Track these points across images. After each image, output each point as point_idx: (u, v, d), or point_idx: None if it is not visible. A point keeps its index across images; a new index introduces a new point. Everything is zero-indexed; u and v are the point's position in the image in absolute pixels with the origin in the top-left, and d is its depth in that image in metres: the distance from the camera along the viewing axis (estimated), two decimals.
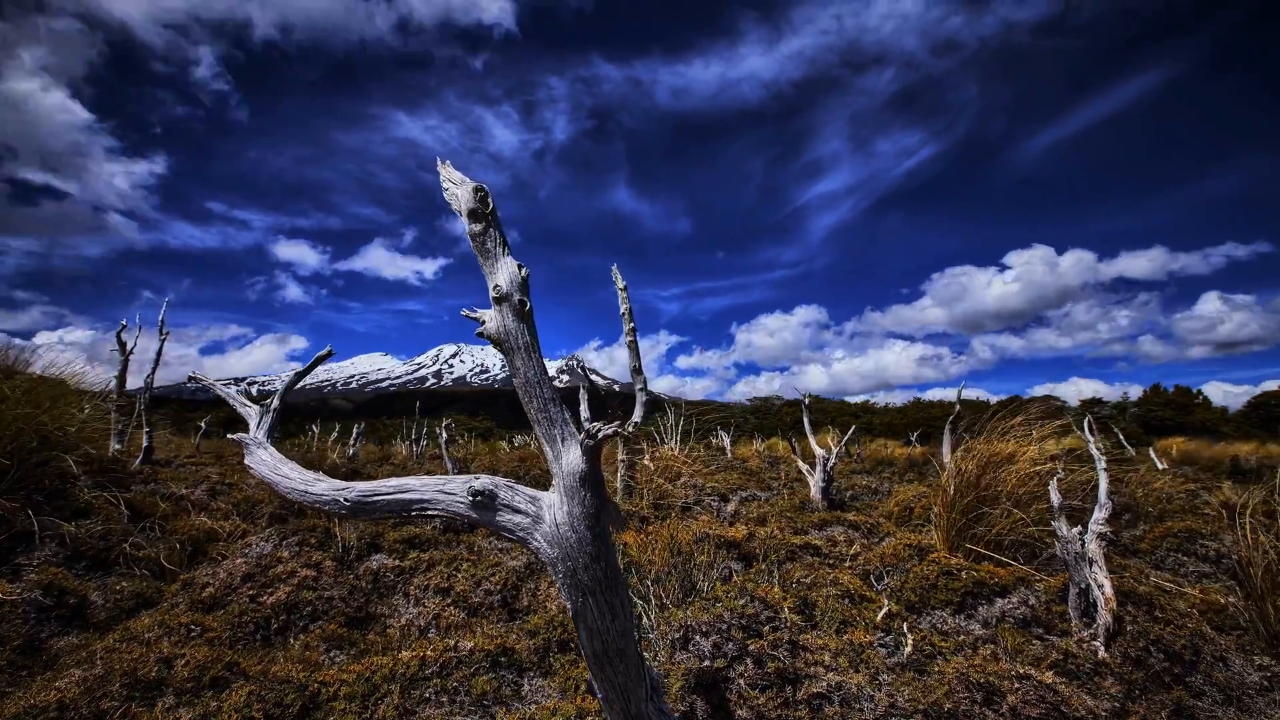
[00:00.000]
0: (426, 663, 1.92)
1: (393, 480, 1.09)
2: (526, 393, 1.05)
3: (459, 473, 7.08)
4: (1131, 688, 2.28)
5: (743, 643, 1.74)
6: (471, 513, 1.02)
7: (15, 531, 3.30)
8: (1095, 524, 2.79)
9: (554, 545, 0.98)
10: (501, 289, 1.05)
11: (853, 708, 1.55)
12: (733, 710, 1.53)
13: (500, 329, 1.05)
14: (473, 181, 1.09)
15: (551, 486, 1.03)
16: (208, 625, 2.88)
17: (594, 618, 1.00)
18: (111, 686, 2.15)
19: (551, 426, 1.04)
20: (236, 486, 7.21)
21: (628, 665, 1.03)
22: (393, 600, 3.26)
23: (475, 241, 1.08)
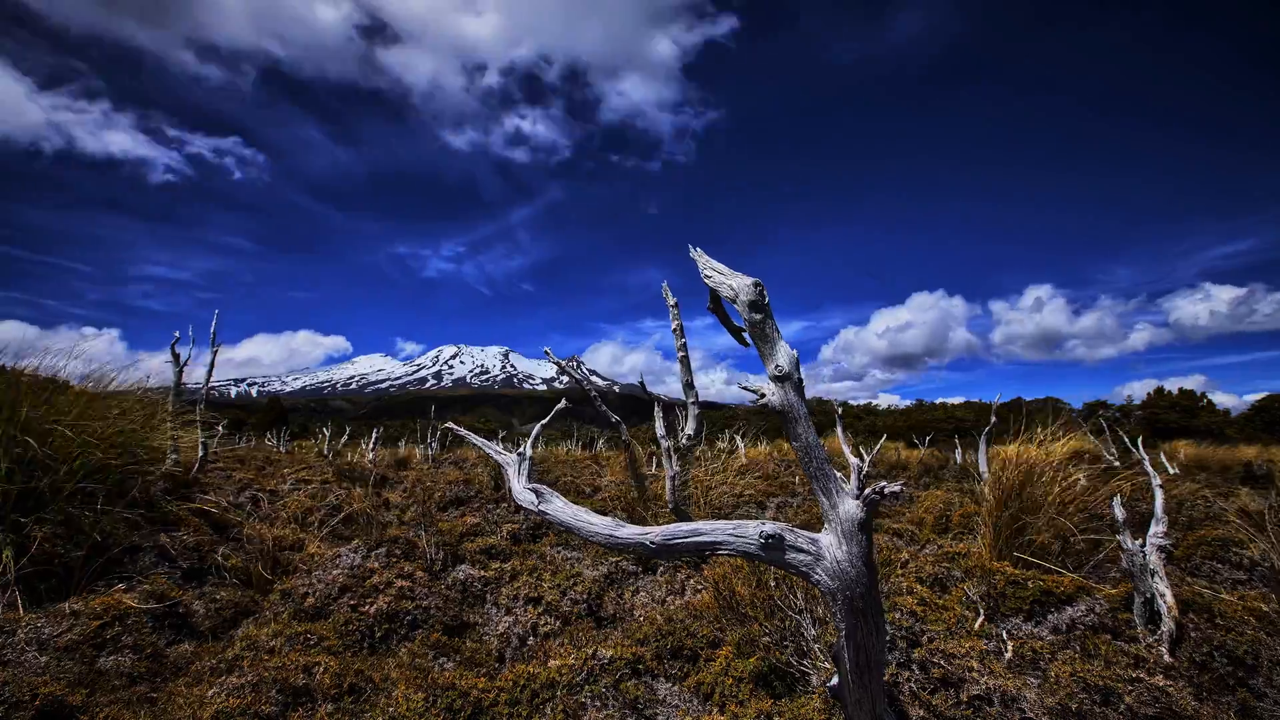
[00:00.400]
0: (574, 671, 2.10)
1: (686, 525, 1.27)
2: (806, 455, 1.24)
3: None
4: (1199, 690, 2.48)
5: (907, 651, 1.94)
6: (761, 553, 1.20)
7: (125, 545, 3.46)
8: (1154, 536, 3.00)
9: (834, 579, 1.17)
10: (783, 369, 1.24)
11: (1011, 708, 1.74)
12: (909, 711, 1.72)
13: (784, 403, 1.24)
14: (748, 277, 1.28)
15: (824, 529, 1.23)
16: (319, 634, 3.05)
17: (864, 636, 1.19)
18: (269, 693, 2.33)
19: (827, 482, 1.23)
20: (277, 494, 7.37)
21: (879, 674, 1.23)
22: (484, 609, 3.44)
23: (754, 328, 1.27)
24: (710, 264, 1.34)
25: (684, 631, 2.62)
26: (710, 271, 1.33)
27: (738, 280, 1.28)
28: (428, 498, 7.10)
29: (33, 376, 3.71)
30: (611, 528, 1.38)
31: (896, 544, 4.80)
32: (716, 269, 1.33)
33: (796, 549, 1.21)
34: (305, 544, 4.90)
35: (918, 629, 2.15)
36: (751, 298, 1.26)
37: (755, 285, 1.26)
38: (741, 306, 1.28)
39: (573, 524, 1.48)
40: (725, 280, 1.30)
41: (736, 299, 1.28)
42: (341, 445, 21.45)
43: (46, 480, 3.25)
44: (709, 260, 1.34)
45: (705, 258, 1.35)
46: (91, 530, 3.36)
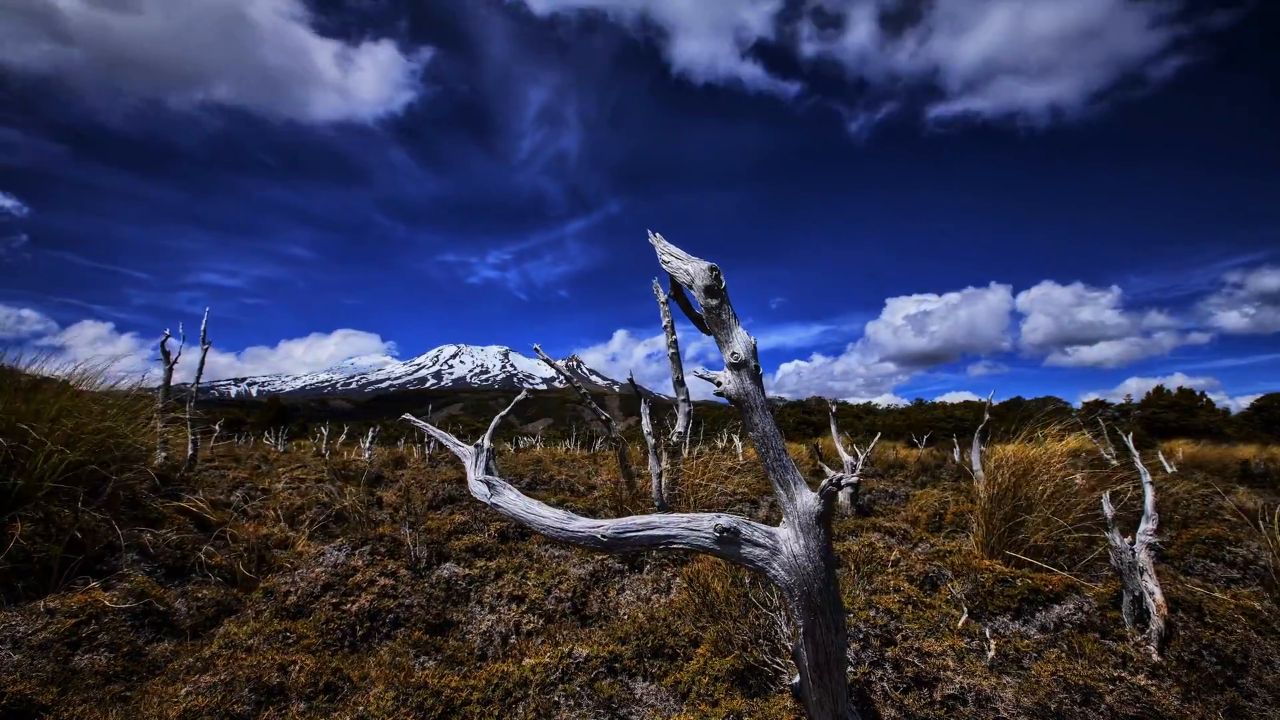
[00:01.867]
0: (549, 669, 2.06)
1: (640, 518, 1.24)
2: (763, 445, 1.20)
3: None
4: (1188, 689, 2.44)
5: (880, 650, 1.91)
6: (716, 546, 1.17)
7: (104, 543, 3.43)
8: (1144, 534, 2.96)
9: (791, 574, 1.13)
10: (739, 356, 1.20)
11: (985, 708, 1.70)
12: (880, 711, 1.69)
13: (740, 391, 1.20)
14: (704, 261, 1.24)
15: (783, 523, 1.19)
16: (299, 632, 3.02)
17: (822, 633, 1.15)
18: (241, 691, 2.29)
19: (785, 474, 1.19)
20: (270, 492, 7.34)
21: (840, 673, 1.19)
22: (467, 607, 3.41)
23: (710, 315, 1.23)
24: (668, 249, 1.30)
25: (665, 630, 2.59)
26: (668, 256, 1.30)
27: (694, 265, 1.24)
28: (421, 496, 7.07)
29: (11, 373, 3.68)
30: (563, 520, 1.34)
31: (889, 542, 4.76)
32: (674, 254, 1.29)
33: (752, 543, 1.17)
34: (294, 542, 4.88)
35: (893, 627, 2.12)
36: (707, 282, 1.22)
37: (711, 269, 1.23)
38: (698, 291, 1.24)
39: (524, 516, 1.44)
40: (682, 265, 1.26)
41: (693, 284, 1.25)
42: (339, 444, 21.44)
43: (24, 478, 3.21)
44: (667, 245, 1.31)
45: (664, 243, 1.32)
46: (71, 528, 3.33)
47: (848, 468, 6.38)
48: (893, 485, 9.52)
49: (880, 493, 8.57)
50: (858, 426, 29.59)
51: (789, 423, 35.52)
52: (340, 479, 9.22)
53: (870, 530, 5.11)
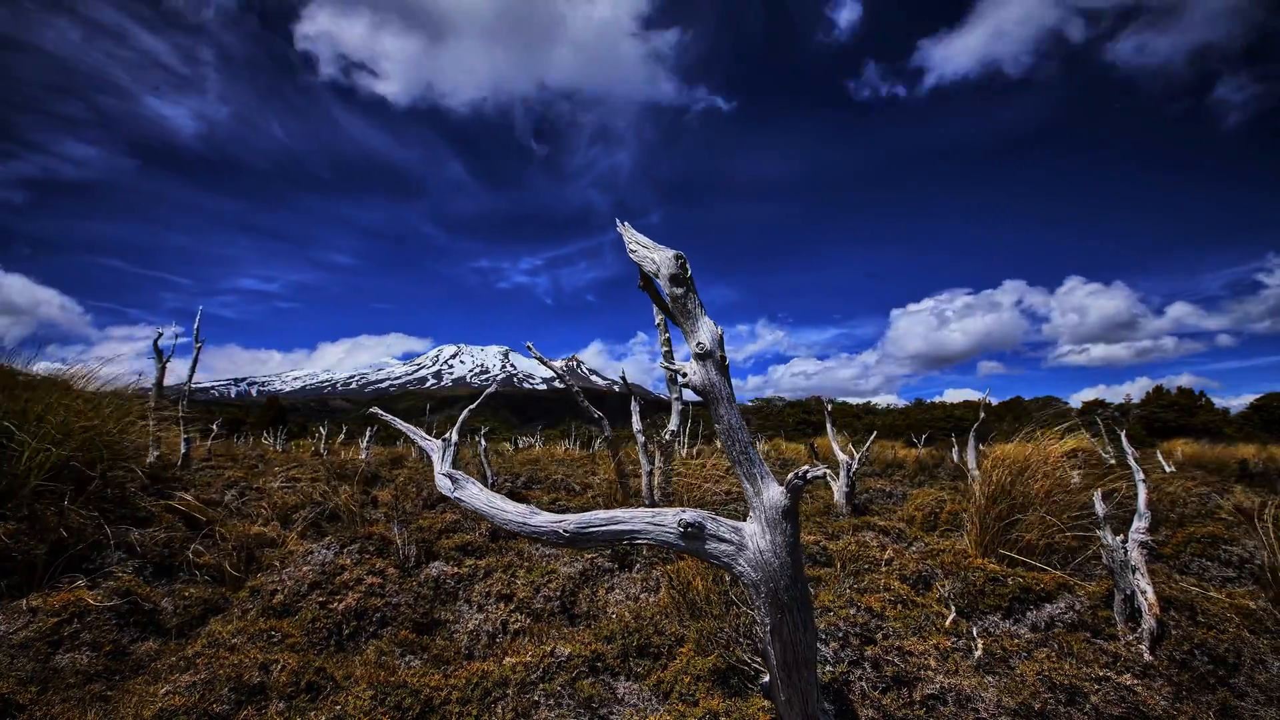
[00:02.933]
0: (530, 668, 2.04)
1: (604, 512, 1.21)
2: (728, 437, 1.18)
3: (494, 477, 7.17)
4: (1179, 689, 2.41)
5: (860, 648, 1.88)
6: (680, 542, 1.14)
7: (91, 541, 3.41)
8: (1136, 532, 2.93)
9: (757, 570, 1.11)
10: (705, 346, 1.18)
11: (965, 708, 1.68)
12: (858, 710, 1.66)
13: (705, 381, 1.18)
14: (670, 249, 1.21)
15: (749, 517, 1.16)
16: (285, 631, 2.99)
17: (789, 631, 1.12)
18: (220, 690, 2.27)
19: (751, 467, 1.16)
20: (265, 491, 7.32)
21: (810, 672, 1.16)
22: (455, 606, 3.38)
23: (675, 303, 1.21)
24: (636, 238, 1.27)
25: (651, 629, 2.56)
26: (635, 246, 1.27)
27: (660, 254, 1.22)
28: (415, 495, 7.05)
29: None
30: (525, 515, 1.32)
31: (883, 541, 4.73)
32: (641, 243, 1.26)
33: (718, 538, 1.14)
34: (286, 541, 4.86)
35: (874, 625, 2.09)
36: (673, 270, 1.20)
37: (677, 258, 1.20)
38: (663, 280, 1.21)
39: (486, 511, 1.41)
40: (649, 254, 1.24)
41: (659, 273, 1.22)
42: (338, 444, 21.42)
43: (8, 476, 3.19)
44: (635, 234, 1.28)
45: (631, 231, 1.29)
46: (56, 526, 3.30)
47: (843, 466, 6.35)
48: (890, 484, 9.49)
49: (878, 492, 8.54)
50: (857, 426, 29.56)
51: (789, 423, 35.49)
52: (336, 478, 9.20)
53: (865, 529, 5.08)
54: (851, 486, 6.35)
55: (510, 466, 13.14)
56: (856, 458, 6.59)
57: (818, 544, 4.12)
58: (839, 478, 6.39)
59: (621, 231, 1.30)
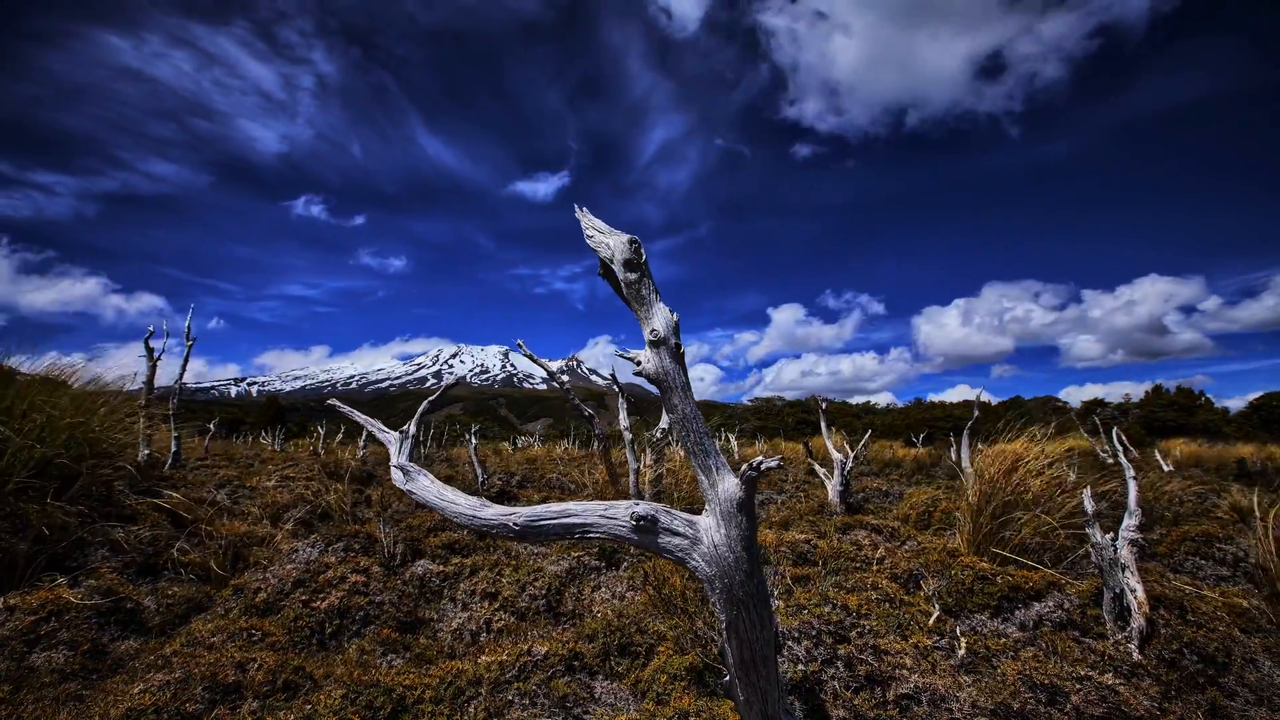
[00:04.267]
0: (505, 667, 2.01)
1: (555, 505, 1.18)
2: (683, 427, 1.14)
3: (485, 475, 7.15)
4: (1168, 688, 2.38)
5: (833, 647, 1.85)
6: (633, 536, 1.11)
7: (73, 539, 3.38)
8: (1126, 530, 2.89)
9: (712, 565, 1.08)
10: (659, 333, 1.15)
11: (940, 708, 1.64)
12: (830, 710, 1.63)
13: (658, 370, 1.14)
14: (625, 234, 1.18)
15: (705, 511, 1.13)
16: (266, 630, 2.96)
17: (745, 628, 1.09)
18: (194, 690, 2.24)
19: (706, 458, 1.13)
20: (258, 490, 7.29)
21: (769, 670, 1.13)
22: (440, 605, 3.35)
23: (629, 289, 1.18)
24: (593, 223, 1.24)
25: (634, 628, 2.53)
26: (591, 231, 1.24)
27: (615, 239, 1.19)
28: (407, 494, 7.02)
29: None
30: (475, 508, 1.29)
31: (875, 540, 4.70)
32: (597, 228, 1.23)
33: (671, 532, 1.11)
34: (276, 540, 4.83)
35: (849, 623, 2.05)
36: (627, 255, 1.17)
37: (631, 243, 1.17)
38: (617, 266, 1.18)
39: (437, 503, 1.38)
40: (604, 239, 1.21)
41: (613, 258, 1.19)
42: (336, 444, 21.41)
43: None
44: (592, 219, 1.25)
45: (589, 217, 1.26)
46: (39, 523, 3.28)
47: (837, 465, 6.32)
48: (887, 484, 9.45)
49: (874, 491, 8.50)
50: (856, 426, 29.50)
51: (788, 422, 35.42)
52: (331, 477, 9.18)
53: (858, 528, 5.05)
54: (846, 485, 6.32)
55: (507, 466, 13.11)
56: (851, 456, 6.55)
57: (809, 542, 4.09)
58: (833, 476, 6.36)
59: (579, 217, 1.27)
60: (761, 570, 1.09)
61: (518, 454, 19.87)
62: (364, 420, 1.89)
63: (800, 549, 3.95)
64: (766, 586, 1.12)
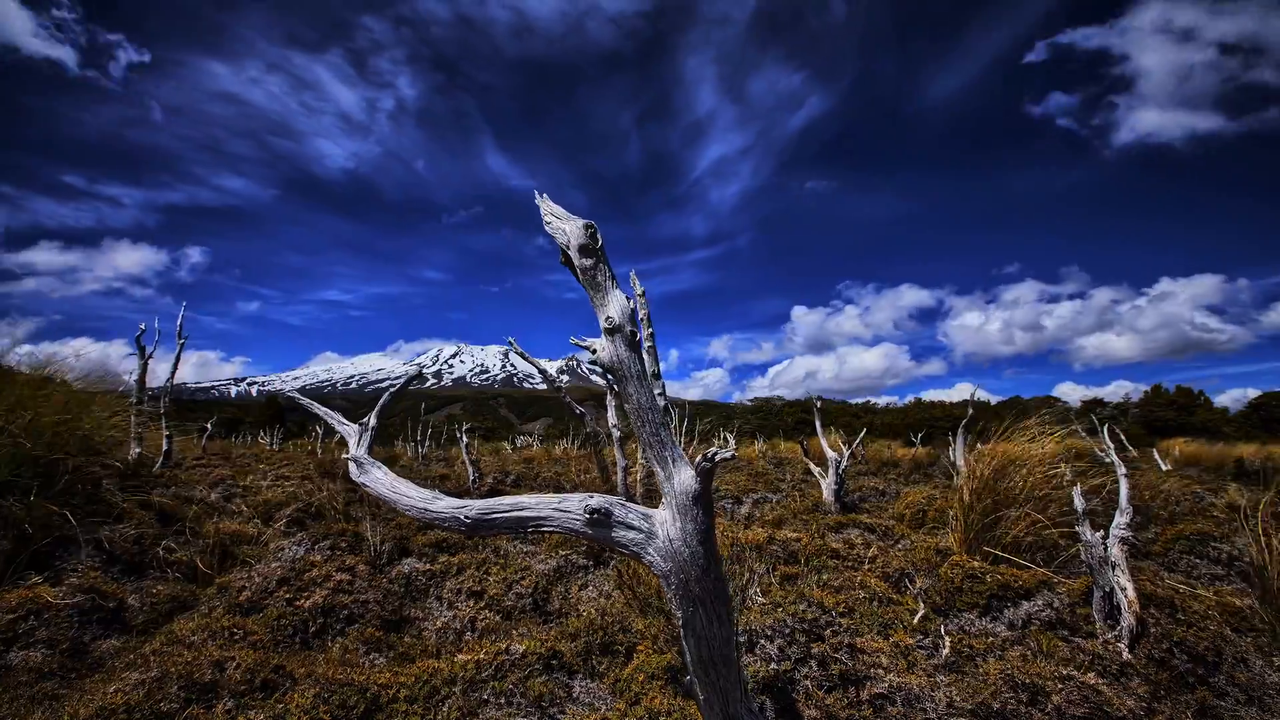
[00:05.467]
0: (482, 666, 1.98)
1: (509, 498, 1.15)
2: (639, 417, 1.11)
3: (476, 475, 7.11)
4: (1157, 688, 2.34)
5: (806, 646, 1.82)
6: (587, 529, 1.08)
7: (57, 536, 3.36)
8: (1117, 528, 2.86)
9: (667, 559, 1.05)
10: (614, 320, 1.12)
11: (914, 707, 1.61)
12: (801, 710, 1.60)
13: (613, 358, 1.11)
14: (581, 219, 1.16)
15: (662, 504, 1.10)
16: (249, 628, 2.94)
17: (702, 626, 1.06)
18: (170, 689, 2.21)
19: (663, 449, 1.10)
20: (252, 489, 7.27)
21: (729, 669, 1.10)
22: (426, 603, 3.33)
23: (585, 275, 1.15)
24: (552, 209, 1.21)
25: (617, 626, 2.50)
26: (550, 218, 1.21)
27: (571, 224, 1.16)
28: None
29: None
30: (427, 500, 1.26)
31: (868, 539, 4.67)
32: (556, 214, 1.20)
33: (626, 525, 1.08)
34: (267, 539, 4.81)
35: (823, 622, 2.02)
36: (582, 241, 1.14)
37: (586, 227, 1.14)
38: (573, 251, 1.15)
39: (390, 496, 1.36)
40: (561, 225, 1.18)
41: (570, 244, 1.16)
42: (334, 443, 21.40)
43: None
44: (551, 206, 1.22)
45: (548, 203, 1.23)
46: (22, 521, 3.25)
47: (832, 464, 6.29)
48: (884, 483, 9.42)
49: (871, 490, 8.46)
50: (856, 425, 29.45)
51: (788, 422, 35.35)
52: (325, 476, 9.16)
53: (851, 527, 5.02)
54: (841, 484, 6.28)
55: (504, 466, 13.09)
56: (846, 455, 6.52)
57: (798, 541, 4.06)
58: (828, 475, 6.33)
59: (539, 204, 1.24)
60: (720, 566, 1.06)
61: (516, 454, 19.86)
62: (324, 413, 1.87)
63: (791, 547, 3.92)
64: (725, 582, 1.09)
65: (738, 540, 3.29)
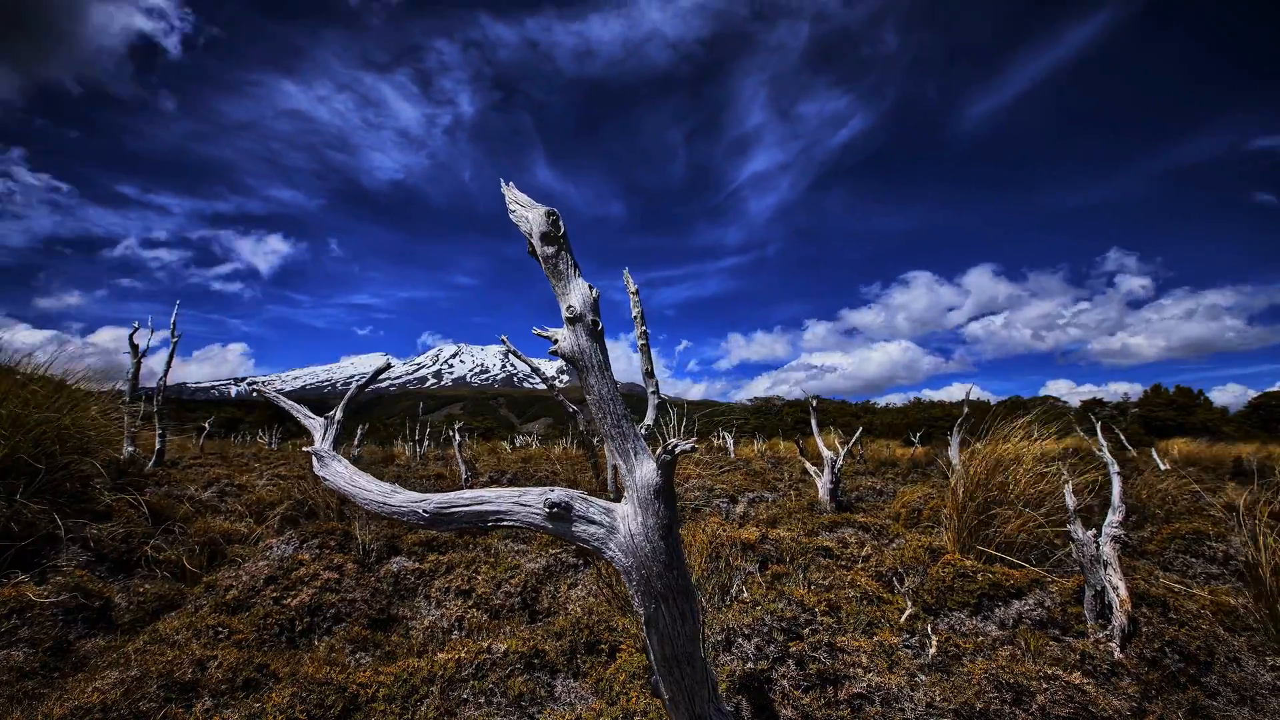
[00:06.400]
0: (462, 665, 1.96)
1: (469, 492, 1.13)
2: (600, 408, 1.09)
3: (469, 474, 7.09)
4: (1148, 688, 2.32)
5: (784, 645, 1.79)
6: (548, 524, 1.06)
7: (42, 534, 3.34)
8: (1109, 526, 2.83)
9: (628, 555, 1.02)
10: (575, 309, 1.09)
11: (893, 707, 1.59)
12: (777, 710, 1.58)
13: (574, 348, 1.09)
14: (543, 206, 1.13)
15: (624, 498, 1.08)
16: (234, 627, 2.92)
17: (665, 623, 1.04)
18: (149, 688, 2.19)
19: (624, 441, 1.08)
20: (246, 488, 7.25)
21: (695, 668, 1.08)
22: (414, 602, 3.30)
23: (547, 264, 1.12)
24: (516, 197, 1.19)
25: (603, 625, 2.48)
26: (514, 206, 1.18)
27: (533, 212, 1.13)
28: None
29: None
30: (386, 494, 1.24)
31: (862, 538, 4.64)
32: (520, 202, 1.18)
33: (587, 520, 1.06)
34: (258, 537, 4.78)
35: (802, 620, 1.99)
36: (544, 228, 1.11)
37: (549, 215, 1.12)
38: (535, 240, 1.13)
39: (349, 490, 1.34)
40: (525, 213, 1.15)
41: (532, 232, 1.14)
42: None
43: None
44: (516, 194, 1.20)
45: (514, 191, 1.20)
46: (6, 520, 3.23)
47: (827, 462, 6.26)
48: (882, 482, 9.39)
49: (869, 490, 8.44)
50: (856, 425, 29.40)
51: (788, 422, 35.31)
52: None
53: (845, 526, 4.99)
54: (836, 483, 6.26)
55: (502, 465, 13.07)
56: (841, 454, 6.49)
57: (794, 539, 4.03)
58: (823, 474, 6.30)
59: (505, 192, 1.21)
60: (683, 561, 1.04)
61: (515, 453, 19.82)
62: (289, 406, 1.85)
63: (784, 546, 3.89)
64: (689, 578, 1.06)
65: (716, 536, 3.27)
